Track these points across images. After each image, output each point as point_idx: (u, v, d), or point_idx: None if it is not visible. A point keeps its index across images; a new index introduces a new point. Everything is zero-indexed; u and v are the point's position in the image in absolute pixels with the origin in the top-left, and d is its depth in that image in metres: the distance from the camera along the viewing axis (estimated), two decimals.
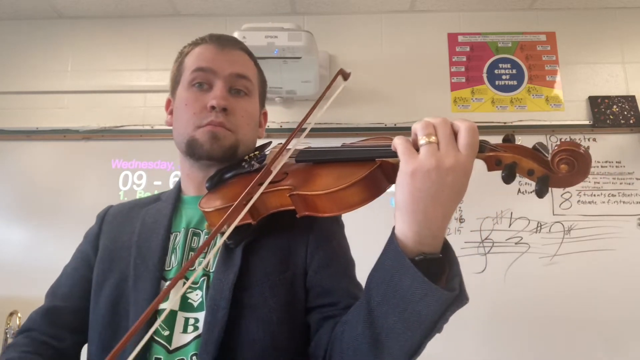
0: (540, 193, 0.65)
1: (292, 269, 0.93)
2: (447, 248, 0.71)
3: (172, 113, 1.08)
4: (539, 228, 2.58)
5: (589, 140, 2.67)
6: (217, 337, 0.83)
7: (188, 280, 0.89)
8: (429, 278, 0.66)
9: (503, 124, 2.71)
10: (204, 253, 0.93)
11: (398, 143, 0.69)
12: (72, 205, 2.65)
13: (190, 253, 0.95)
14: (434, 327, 0.69)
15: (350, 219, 1.01)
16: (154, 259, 0.94)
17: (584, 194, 2.60)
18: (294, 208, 0.82)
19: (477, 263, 2.52)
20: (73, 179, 2.73)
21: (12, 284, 2.52)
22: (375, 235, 0.74)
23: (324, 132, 2.67)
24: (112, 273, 0.97)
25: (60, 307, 1.02)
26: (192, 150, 0.99)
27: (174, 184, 1.12)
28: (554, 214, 2.59)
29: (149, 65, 2.89)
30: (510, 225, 2.58)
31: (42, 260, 2.56)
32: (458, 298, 0.69)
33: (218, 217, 0.87)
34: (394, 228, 0.70)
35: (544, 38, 2.85)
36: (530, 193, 2.59)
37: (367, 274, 0.76)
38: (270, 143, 1.05)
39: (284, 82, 2.55)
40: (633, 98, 2.70)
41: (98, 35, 2.94)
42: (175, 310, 0.89)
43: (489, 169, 0.69)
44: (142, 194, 2.67)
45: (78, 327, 0.99)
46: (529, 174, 0.66)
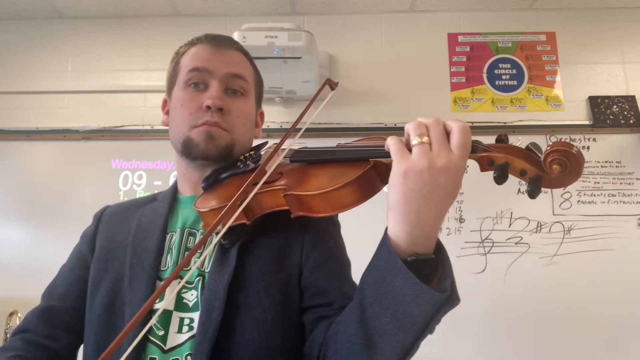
0: (532, 193, 0.64)
1: (287, 269, 0.93)
2: (439, 249, 0.71)
3: (168, 113, 1.08)
4: (539, 228, 2.57)
5: (589, 140, 2.66)
6: (211, 337, 0.83)
7: (182, 280, 0.89)
8: (422, 279, 0.66)
9: (503, 124, 2.70)
10: (199, 253, 0.94)
11: (391, 143, 0.69)
12: (72, 205, 2.65)
13: (186, 253, 0.96)
14: (426, 327, 0.69)
15: (347, 219, 1.01)
16: (150, 259, 0.94)
17: (584, 194, 2.60)
18: (289, 208, 0.82)
19: (477, 263, 2.51)
20: (73, 179, 2.72)
21: (12, 284, 2.52)
22: (372, 235, 0.74)
23: (324, 132, 2.67)
24: (107, 273, 0.97)
25: (57, 307, 1.02)
26: (187, 150, 1.00)
27: (170, 184, 1.12)
28: (554, 214, 2.58)
29: (149, 65, 2.89)
30: (510, 225, 2.58)
31: (42, 260, 2.55)
32: (449, 299, 0.69)
33: (213, 217, 0.87)
34: (387, 228, 0.70)
35: (544, 38, 2.84)
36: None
37: None
38: (267, 143, 1.05)
39: (284, 82, 2.55)
40: (633, 98, 2.69)
41: (98, 35, 2.94)
42: (171, 310, 0.90)
43: (482, 169, 0.69)
44: (142, 194, 2.67)
45: (74, 327, 0.99)
46: (522, 175, 0.66)
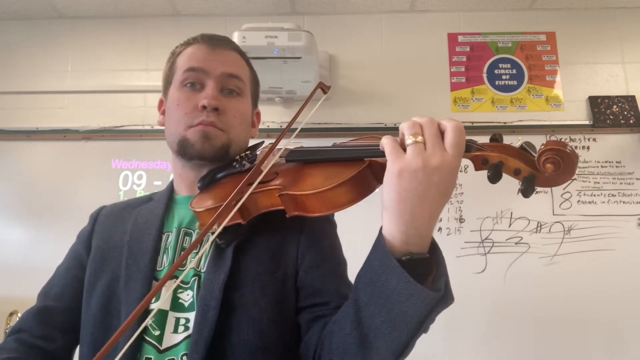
0: (526, 192, 0.64)
1: (283, 269, 0.93)
2: (434, 248, 0.71)
3: (164, 113, 1.08)
4: (539, 228, 2.57)
5: (589, 140, 2.65)
6: (207, 337, 0.83)
7: (177, 279, 0.89)
8: (416, 278, 0.66)
9: (503, 124, 2.70)
10: (195, 252, 0.93)
11: (385, 143, 0.69)
12: (72, 205, 2.64)
13: (182, 253, 0.95)
14: (420, 327, 0.69)
15: (343, 219, 1.01)
16: (146, 259, 0.94)
17: (584, 194, 2.59)
18: (284, 208, 0.82)
19: (477, 263, 2.51)
20: (73, 179, 2.72)
21: (12, 284, 2.52)
22: (369, 234, 0.74)
23: (324, 132, 2.67)
24: (103, 273, 0.97)
25: (52, 307, 1.02)
26: (183, 150, 0.99)
27: (167, 184, 1.12)
28: (554, 214, 2.58)
29: (149, 65, 2.89)
30: (510, 225, 2.57)
31: (42, 260, 2.53)
32: (444, 298, 0.69)
33: (209, 217, 0.87)
34: (381, 228, 0.70)
35: (544, 38, 2.84)
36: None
37: None
38: (262, 143, 1.05)
39: (284, 82, 2.54)
40: (633, 98, 2.68)
41: (98, 35, 2.94)
42: (166, 310, 0.89)
43: (476, 169, 0.69)
44: (142, 194, 2.66)
45: (70, 327, 0.99)
46: (516, 174, 0.66)
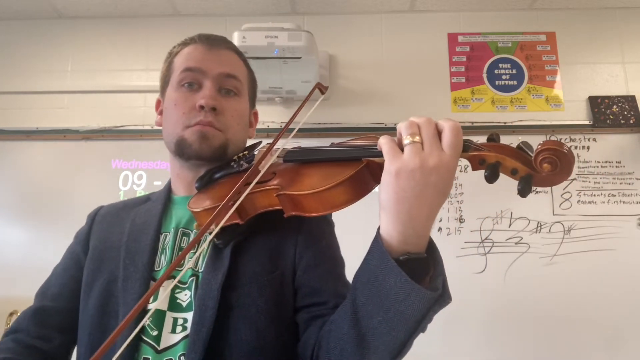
0: (523, 192, 0.64)
1: (280, 269, 0.92)
2: (432, 248, 0.71)
3: (162, 113, 1.08)
4: (539, 228, 2.56)
5: (589, 140, 2.65)
6: (204, 337, 0.83)
7: (175, 279, 0.89)
8: (414, 278, 0.66)
9: (503, 124, 2.70)
10: (192, 252, 0.93)
11: (383, 143, 0.69)
12: (72, 206, 2.64)
13: (180, 253, 0.95)
14: (418, 326, 0.69)
15: (341, 219, 1.01)
16: (144, 260, 0.94)
17: (584, 194, 2.59)
18: (282, 208, 0.82)
19: (477, 263, 2.51)
20: (73, 179, 2.72)
21: (12, 284, 2.51)
22: (368, 235, 0.74)
23: (324, 132, 2.67)
24: (101, 273, 0.97)
25: (50, 307, 1.02)
26: (181, 150, 0.99)
27: (164, 184, 1.12)
28: (554, 214, 2.58)
29: (149, 65, 2.89)
30: (510, 225, 2.57)
31: (42, 260, 2.49)
32: (441, 298, 0.69)
33: (207, 217, 0.87)
34: (379, 228, 0.70)
35: (544, 38, 2.83)
36: (530, 193, 2.58)
37: None
38: (260, 143, 1.05)
39: (284, 82, 2.54)
40: (633, 98, 2.68)
41: (98, 35, 2.94)
42: (164, 310, 0.89)
43: (473, 169, 0.69)
44: (142, 194, 2.66)
45: (67, 327, 0.99)
46: (513, 174, 0.66)
